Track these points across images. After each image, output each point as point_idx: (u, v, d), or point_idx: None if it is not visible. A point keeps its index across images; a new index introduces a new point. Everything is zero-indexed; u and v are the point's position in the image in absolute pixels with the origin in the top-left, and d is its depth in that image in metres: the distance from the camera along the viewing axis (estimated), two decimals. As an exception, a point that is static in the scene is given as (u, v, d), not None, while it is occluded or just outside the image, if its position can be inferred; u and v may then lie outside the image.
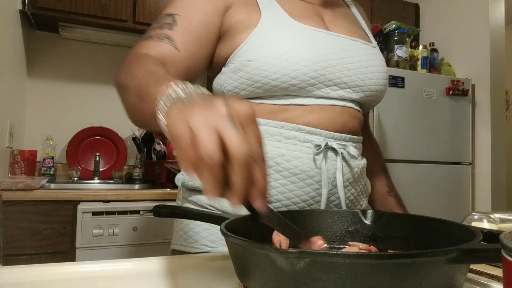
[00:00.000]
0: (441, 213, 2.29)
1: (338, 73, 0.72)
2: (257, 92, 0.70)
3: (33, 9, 1.96)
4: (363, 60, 0.76)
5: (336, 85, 0.72)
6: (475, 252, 0.35)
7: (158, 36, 0.66)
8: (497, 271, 0.48)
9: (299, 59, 0.68)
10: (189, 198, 0.76)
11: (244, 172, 0.34)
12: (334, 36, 0.74)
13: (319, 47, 0.71)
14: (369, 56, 0.78)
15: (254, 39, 0.69)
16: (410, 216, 0.54)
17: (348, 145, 0.74)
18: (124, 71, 0.61)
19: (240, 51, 0.70)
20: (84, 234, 1.64)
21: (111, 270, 0.52)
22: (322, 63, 0.70)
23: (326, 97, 0.72)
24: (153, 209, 0.62)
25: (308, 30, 0.72)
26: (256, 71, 0.68)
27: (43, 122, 2.28)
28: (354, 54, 0.75)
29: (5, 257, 1.51)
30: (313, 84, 0.70)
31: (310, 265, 0.33)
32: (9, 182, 1.55)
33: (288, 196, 0.69)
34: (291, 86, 0.69)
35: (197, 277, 0.51)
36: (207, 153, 0.32)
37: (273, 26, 0.70)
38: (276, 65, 0.67)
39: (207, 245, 0.72)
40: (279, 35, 0.69)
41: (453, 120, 2.41)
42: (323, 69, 0.70)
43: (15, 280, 0.47)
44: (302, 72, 0.68)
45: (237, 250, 0.41)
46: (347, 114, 0.75)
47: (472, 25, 2.55)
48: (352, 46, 0.76)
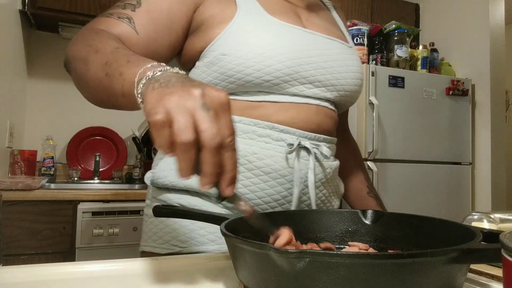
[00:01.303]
0: (441, 213, 2.29)
1: (313, 71, 0.71)
2: (230, 87, 0.69)
3: (33, 9, 1.96)
4: (339, 59, 0.75)
5: (311, 83, 0.71)
6: (475, 252, 0.35)
7: (119, 15, 0.64)
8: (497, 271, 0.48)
9: (274, 55, 0.67)
10: (158, 197, 0.74)
11: (213, 158, 0.36)
12: (311, 34, 0.73)
13: (295, 43, 0.70)
14: (345, 55, 0.77)
15: (229, 33, 0.67)
16: (410, 216, 0.54)
17: (321, 145, 0.73)
18: (80, 43, 0.58)
19: (214, 45, 0.68)
20: (84, 234, 1.64)
21: (111, 270, 0.52)
22: (297, 59, 0.69)
23: (300, 95, 0.71)
24: (153, 209, 0.62)
25: (284, 26, 0.71)
26: (229, 66, 0.67)
27: (43, 122, 2.28)
28: (330, 53, 0.74)
29: (5, 257, 1.51)
30: (287, 81, 0.69)
31: (310, 265, 0.33)
32: (9, 182, 1.55)
33: (259, 195, 0.68)
34: (265, 82, 0.68)
35: (197, 277, 0.51)
36: (180, 136, 0.35)
37: (248, 20, 0.69)
38: (250, 60, 0.66)
39: (177, 245, 0.70)
40: (254, 30, 0.68)
41: (453, 120, 2.41)
42: (297, 66, 0.69)
43: (15, 280, 0.47)
44: (276, 68, 0.67)
45: (237, 250, 0.41)
46: (322, 113, 0.74)
47: (472, 25, 2.55)
48: (328, 45, 0.75)
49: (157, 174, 0.73)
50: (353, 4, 2.71)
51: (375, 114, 2.14)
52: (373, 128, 2.14)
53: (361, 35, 2.37)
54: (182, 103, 0.36)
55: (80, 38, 0.60)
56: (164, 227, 0.72)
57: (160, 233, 0.72)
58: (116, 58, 0.50)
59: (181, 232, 0.71)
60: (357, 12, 2.71)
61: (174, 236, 0.71)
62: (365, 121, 2.17)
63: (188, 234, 0.70)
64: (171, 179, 0.71)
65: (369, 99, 2.16)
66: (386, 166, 2.20)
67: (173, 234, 0.71)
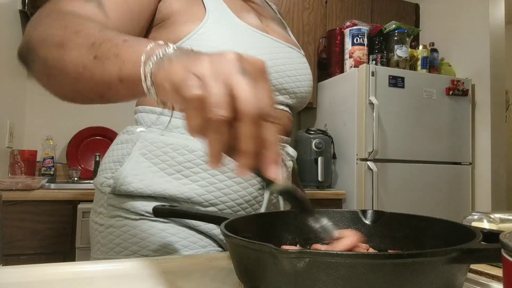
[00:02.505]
0: (441, 213, 2.29)
1: (280, 79, 0.74)
2: None
3: (33, 9, 1.96)
4: (298, 68, 0.78)
5: (278, 91, 0.74)
6: (475, 252, 0.35)
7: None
8: (497, 271, 0.48)
9: None
10: (120, 205, 0.67)
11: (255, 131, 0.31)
12: (277, 42, 0.76)
13: (264, 52, 0.72)
14: (302, 64, 0.80)
15: (200, 35, 0.66)
16: (410, 216, 0.54)
17: (287, 146, 0.78)
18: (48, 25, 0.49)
19: (183, 44, 0.66)
20: (84, 234, 1.64)
21: (111, 270, 0.52)
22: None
23: None
24: (153, 209, 0.62)
25: (253, 32, 0.72)
26: None
27: (43, 122, 2.28)
28: (292, 62, 0.77)
29: (5, 257, 1.51)
30: None
31: (310, 265, 0.33)
32: (9, 182, 1.55)
33: (232, 197, 0.69)
34: None
35: (197, 277, 0.51)
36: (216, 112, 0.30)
37: (219, 23, 0.69)
38: None
39: (148, 255, 0.65)
40: (223, 34, 0.69)
41: (453, 120, 2.41)
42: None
43: (15, 280, 0.47)
44: None
45: (237, 250, 0.41)
46: (285, 117, 0.78)
47: (472, 25, 2.55)
48: (290, 54, 0.78)
49: (120, 181, 0.66)
50: (353, 4, 2.71)
51: (375, 114, 2.14)
52: (373, 128, 2.14)
53: (361, 35, 2.37)
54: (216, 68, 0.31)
55: (46, 19, 0.50)
56: (128, 237, 0.65)
57: (124, 243, 0.65)
58: (108, 38, 0.42)
59: (150, 240, 0.65)
60: (357, 12, 2.71)
61: (143, 246, 0.65)
62: (365, 121, 2.17)
63: (158, 242, 0.65)
64: (137, 185, 0.65)
65: (369, 99, 2.16)
66: (386, 166, 2.20)
67: (140, 244, 0.65)
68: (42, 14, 0.53)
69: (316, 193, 2.15)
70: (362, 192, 2.16)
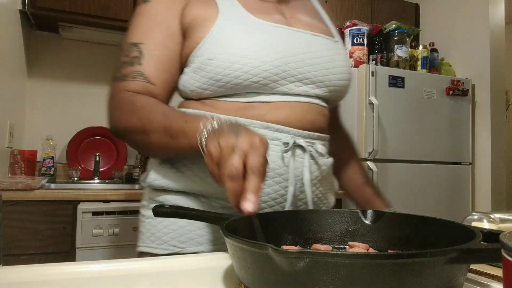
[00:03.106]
0: (441, 213, 2.29)
1: (300, 68, 0.71)
2: (220, 91, 0.70)
3: (33, 9, 1.96)
4: (325, 55, 0.75)
5: (299, 80, 0.71)
6: (475, 252, 0.35)
7: (132, 75, 0.69)
8: (497, 271, 0.48)
9: (259, 56, 0.67)
10: (156, 198, 0.74)
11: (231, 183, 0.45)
12: (296, 32, 0.73)
13: (280, 43, 0.70)
14: (331, 51, 0.77)
15: (213, 37, 0.68)
16: (410, 216, 0.54)
17: (316, 143, 0.74)
18: (126, 115, 0.66)
19: (200, 50, 0.69)
20: (84, 234, 1.64)
21: (111, 270, 0.52)
22: (283, 58, 0.69)
23: (290, 93, 0.71)
24: (153, 209, 0.62)
25: (268, 26, 0.71)
26: (217, 70, 0.67)
27: (43, 122, 2.28)
28: (316, 50, 0.74)
29: (5, 257, 1.51)
30: (276, 80, 0.69)
31: (310, 265, 0.33)
32: (9, 182, 1.55)
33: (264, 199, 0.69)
34: (253, 84, 0.68)
35: (197, 277, 0.51)
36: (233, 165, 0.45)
37: (231, 22, 0.69)
38: (236, 63, 0.66)
39: (176, 245, 0.71)
40: (238, 32, 0.68)
41: (453, 120, 2.41)
42: (284, 64, 0.69)
43: (15, 280, 0.47)
44: (263, 69, 0.67)
45: (237, 250, 0.41)
46: (314, 111, 0.74)
47: (472, 25, 2.55)
48: (314, 42, 0.75)
49: (154, 176, 0.74)
50: (353, 4, 2.71)
51: (375, 114, 2.14)
52: (373, 128, 2.14)
53: (361, 35, 2.37)
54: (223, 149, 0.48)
55: (121, 110, 0.67)
56: (163, 228, 0.72)
57: (159, 234, 0.72)
58: (173, 122, 0.60)
59: (180, 232, 0.71)
60: (357, 12, 2.71)
61: (173, 237, 0.71)
62: (365, 121, 2.17)
63: (187, 234, 0.71)
64: (167, 182, 0.72)
65: (369, 99, 2.16)
66: (386, 166, 2.20)
67: (172, 235, 0.71)
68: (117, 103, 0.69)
69: (316, 193, 2.15)
70: (362, 192, 2.15)
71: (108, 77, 2.62)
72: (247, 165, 0.46)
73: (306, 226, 0.57)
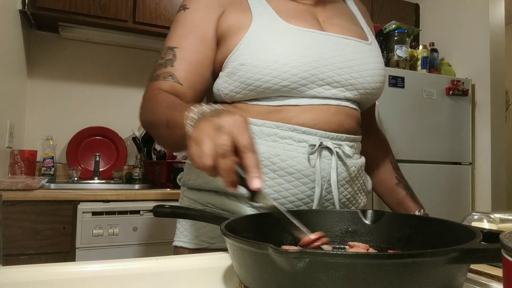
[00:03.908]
0: (441, 213, 2.29)
1: (330, 72, 0.72)
2: (251, 95, 0.72)
3: (33, 9, 1.96)
4: (356, 58, 0.76)
5: (329, 84, 0.73)
6: (475, 252, 0.35)
7: (163, 75, 0.74)
8: (497, 271, 0.48)
9: (289, 60, 0.69)
10: (190, 196, 0.80)
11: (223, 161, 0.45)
12: (326, 36, 0.75)
13: (309, 47, 0.71)
14: (363, 53, 0.77)
15: (246, 43, 0.71)
16: (410, 216, 0.54)
17: (343, 145, 0.74)
18: (146, 112, 0.71)
19: (233, 56, 0.72)
20: (84, 234, 1.64)
21: (111, 270, 0.52)
22: (312, 63, 0.71)
23: (319, 96, 0.73)
24: (153, 209, 0.62)
25: (298, 30, 0.73)
26: (248, 75, 0.70)
27: (43, 122, 2.28)
28: (346, 53, 0.75)
29: (5, 257, 1.51)
30: (305, 84, 0.71)
31: (310, 265, 0.33)
32: (9, 182, 1.55)
33: (284, 195, 0.70)
34: (283, 88, 0.70)
35: (197, 277, 0.51)
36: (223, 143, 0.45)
37: (263, 29, 0.72)
38: (266, 68, 0.69)
39: (206, 241, 0.75)
40: (269, 38, 0.71)
41: (453, 120, 2.40)
42: (313, 69, 0.71)
43: (15, 280, 0.47)
44: (292, 73, 0.69)
45: (237, 250, 0.41)
46: (342, 113, 0.75)
47: (472, 25, 2.55)
48: (344, 45, 0.76)
49: (188, 176, 0.80)
50: (353, 4, 2.70)
51: (375, 114, 2.14)
52: (373, 128, 2.14)
53: (361, 35, 2.37)
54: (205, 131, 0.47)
55: (146, 107, 0.72)
56: (195, 224, 0.77)
57: (191, 229, 0.78)
58: (172, 114, 0.62)
59: (210, 229, 0.76)
60: (357, 12, 2.71)
61: (204, 233, 0.76)
62: (365, 121, 2.17)
63: (217, 231, 0.74)
64: (200, 181, 0.77)
65: (369, 99, 2.16)
66: (386, 166, 2.20)
67: (202, 231, 0.76)
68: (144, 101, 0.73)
69: (316, 193, 2.15)
70: (362, 192, 2.16)
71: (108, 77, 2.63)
72: (239, 144, 0.46)
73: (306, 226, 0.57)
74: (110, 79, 2.42)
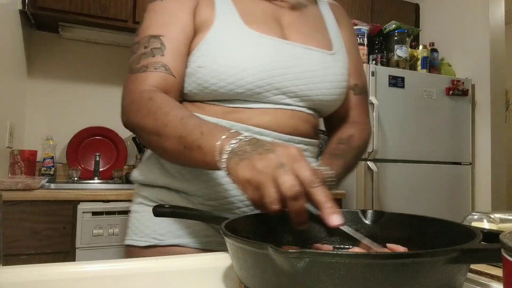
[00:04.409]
0: (441, 213, 2.29)
1: (286, 82, 0.71)
2: (208, 97, 0.72)
3: (33, 9, 1.96)
4: (315, 69, 0.74)
5: (284, 93, 0.72)
6: (475, 252, 0.35)
7: (154, 65, 0.67)
8: (497, 271, 0.48)
9: (245, 68, 0.68)
10: (141, 193, 0.78)
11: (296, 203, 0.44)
12: (286, 44, 0.73)
13: (267, 55, 0.70)
14: (323, 64, 0.76)
15: (205, 45, 0.70)
16: (410, 216, 0.54)
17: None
18: (141, 113, 0.63)
19: (194, 56, 0.70)
20: (84, 234, 1.64)
21: (111, 270, 0.52)
22: (268, 71, 0.70)
23: (275, 103, 0.73)
24: (153, 209, 0.62)
25: (258, 37, 0.71)
26: (205, 78, 0.69)
27: (43, 122, 2.28)
28: (304, 63, 0.74)
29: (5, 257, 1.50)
30: (260, 92, 0.70)
31: (310, 265, 0.33)
32: (9, 182, 1.55)
33: (233, 194, 0.71)
34: (238, 94, 0.70)
35: (197, 277, 0.51)
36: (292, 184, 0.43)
37: (224, 32, 0.70)
38: (223, 73, 0.68)
39: (156, 238, 0.74)
40: (228, 43, 0.70)
41: (453, 120, 2.40)
42: (269, 77, 0.70)
43: (15, 280, 0.47)
44: (247, 81, 0.69)
45: (237, 250, 0.41)
46: (297, 118, 0.74)
47: (472, 25, 2.55)
48: (305, 55, 0.74)
49: (140, 171, 0.79)
50: (353, 4, 2.70)
51: (375, 114, 2.14)
52: (373, 128, 2.14)
53: (361, 35, 2.37)
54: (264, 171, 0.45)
55: (138, 106, 0.64)
56: (145, 221, 0.75)
57: (141, 227, 0.75)
58: (189, 132, 0.57)
59: (160, 225, 0.74)
60: (357, 12, 2.71)
61: (154, 230, 0.74)
62: (365, 121, 2.17)
63: (167, 227, 0.73)
64: (151, 177, 0.76)
65: (369, 99, 2.16)
66: (386, 166, 2.20)
67: (152, 228, 0.74)
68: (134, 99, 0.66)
69: (316, 193, 2.15)
70: (362, 192, 2.16)
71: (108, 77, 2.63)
72: (305, 181, 0.44)
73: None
74: (110, 79, 2.42)
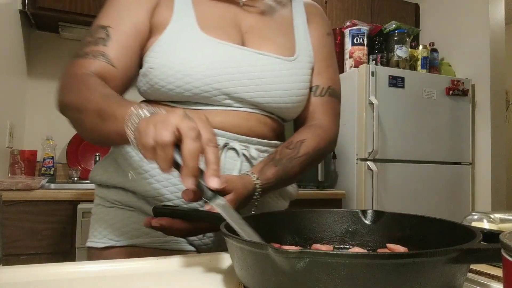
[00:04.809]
0: (441, 213, 2.29)
1: (235, 88, 0.71)
2: (160, 97, 0.72)
3: (33, 9, 1.96)
4: (268, 76, 0.73)
5: (232, 99, 0.72)
6: (475, 252, 0.35)
7: (94, 53, 0.68)
8: (497, 271, 0.48)
9: (193, 72, 0.68)
10: (99, 194, 0.79)
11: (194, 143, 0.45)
12: (240, 50, 0.73)
13: (218, 61, 0.70)
14: (279, 72, 0.74)
15: (158, 47, 0.70)
16: (410, 216, 0.54)
17: (250, 147, 0.73)
18: (69, 92, 0.64)
19: (148, 56, 0.71)
20: (84, 234, 1.64)
21: (111, 270, 0.52)
22: (214, 76, 0.70)
23: (226, 106, 0.72)
24: (152, 209, 0.62)
25: (211, 42, 0.71)
26: (155, 80, 0.70)
27: (43, 122, 2.28)
28: (256, 70, 0.72)
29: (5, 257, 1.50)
30: (207, 96, 0.71)
31: (310, 265, 0.33)
32: (9, 182, 1.55)
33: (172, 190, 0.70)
34: (187, 97, 0.70)
35: (197, 277, 0.51)
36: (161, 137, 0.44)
37: (176, 36, 0.71)
38: (172, 76, 0.69)
39: (113, 239, 0.74)
40: (180, 47, 0.70)
41: (453, 120, 2.41)
42: (215, 82, 0.70)
43: (15, 280, 0.47)
44: (194, 85, 0.69)
45: (237, 250, 0.41)
46: (254, 120, 0.74)
47: (472, 25, 2.55)
48: (258, 62, 0.73)
49: (96, 171, 0.78)
50: (353, 4, 2.71)
51: (375, 114, 2.14)
52: (373, 128, 2.14)
53: (361, 35, 2.37)
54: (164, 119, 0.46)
55: (68, 86, 0.66)
56: (103, 223, 0.75)
57: (99, 228, 0.75)
58: (109, 105, 0.58)
59: (116, 227, 0.74)
60: (357, 12, 2.71)
61: (111, 231, 0.74)
62: (365, 121, 2.17)
63: (122, 229, 0.74)
64: (105, 177, 0.76)
65: (369, 99, 2.16)
66: (386, 166, 2.20)
67: (109, 229, 0.74)
68: (66, 79, 0.67)
69: (316, 193, 2.15)
70: (362, 192, 2.16)
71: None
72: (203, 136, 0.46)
73: (306, 226, 0.57)
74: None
